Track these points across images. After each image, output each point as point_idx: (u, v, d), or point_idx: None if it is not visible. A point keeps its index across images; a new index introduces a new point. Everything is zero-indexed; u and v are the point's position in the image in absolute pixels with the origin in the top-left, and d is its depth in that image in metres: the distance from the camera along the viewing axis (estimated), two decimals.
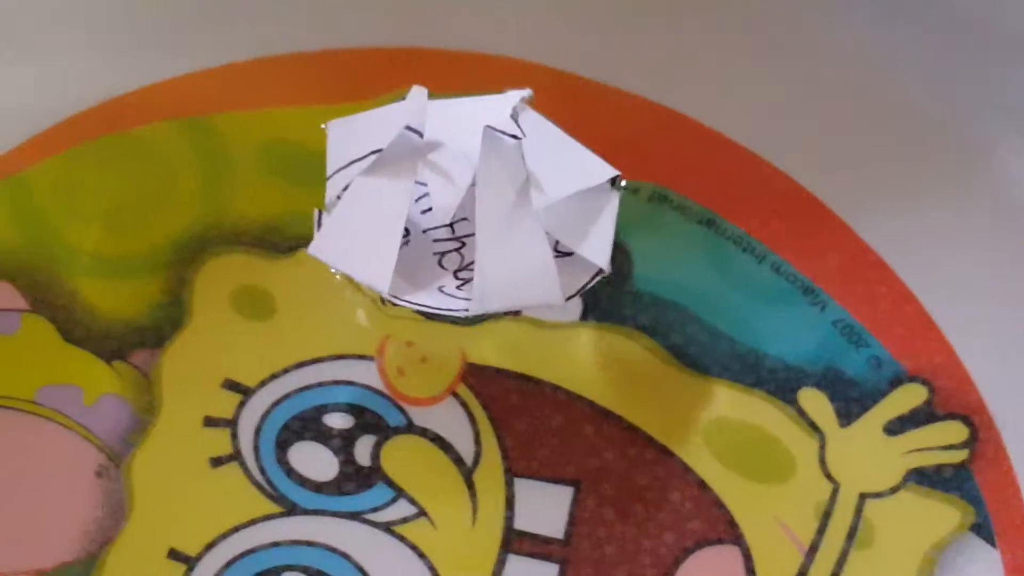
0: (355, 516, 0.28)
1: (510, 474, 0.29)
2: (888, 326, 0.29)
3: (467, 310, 0.27)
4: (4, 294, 0.30)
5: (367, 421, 0.29)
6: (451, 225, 0.28)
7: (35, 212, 0.30)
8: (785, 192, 0.30)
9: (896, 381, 0.29)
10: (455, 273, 0.28)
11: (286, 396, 0.29)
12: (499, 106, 0.27)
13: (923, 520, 0.28)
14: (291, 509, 0.28)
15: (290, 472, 0.29)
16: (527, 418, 0.29)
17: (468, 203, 0.27)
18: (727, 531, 0.28)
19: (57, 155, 0.30)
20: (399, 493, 0.28)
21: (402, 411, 0.29)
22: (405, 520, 0.28)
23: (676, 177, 0.30)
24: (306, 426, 0.29)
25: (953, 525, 0.28)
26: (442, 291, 0.28)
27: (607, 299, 0.29)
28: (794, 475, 0.28)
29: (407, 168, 0.27)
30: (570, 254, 0.27)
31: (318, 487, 0.29)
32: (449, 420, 0.29)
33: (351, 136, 0.27)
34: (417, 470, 0.29)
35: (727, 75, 0.30)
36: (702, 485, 0.28)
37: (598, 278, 0.27)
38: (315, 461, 0.29)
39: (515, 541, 0.28)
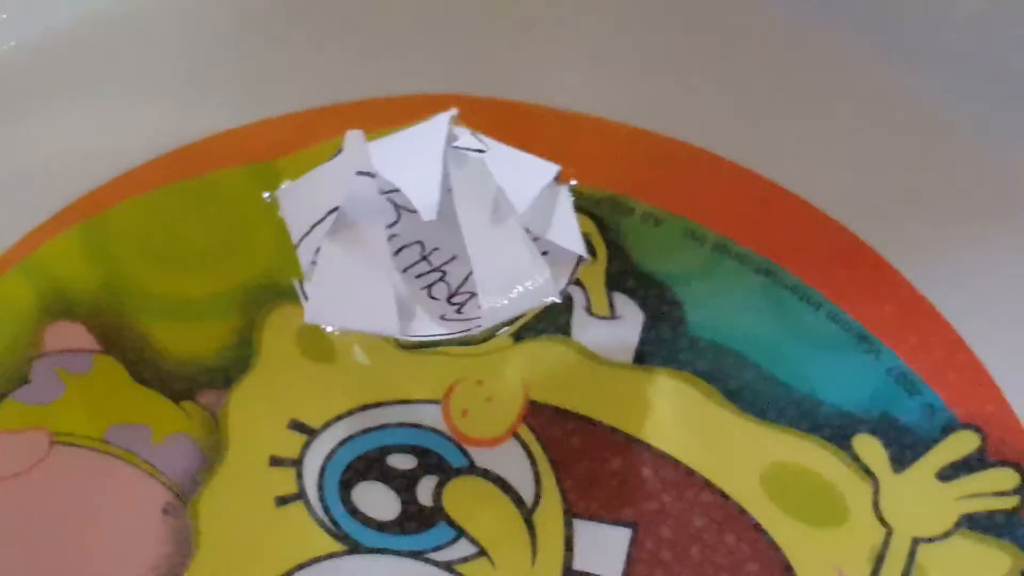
0: (417, 555, 0.29)
1: (569, 515, 0.29)
2: (941, 374, 0.30)
3: (479, 326, 0.27)
4: (77, 335, 0.30)
5: (430, 462, 0.29)
6: (426, 259, 0.29)
7: (110, 255, 0.31)
8: (842, 243, 0.30)
9: (949, 428, 0.29)
10: (448, 300, 0.29)
11: (350, 437, 0.30)
12: (435, 129, 0.28)
13: (975, 565, 0.28)
14: (354, 547, 0.29)
15: (354, 511, 0.29)
16: (586, 460, 0.29)
17: (438, 232, 0.28)
18: (783, 574, 0.29)
19: (132, 199, 0.31)
20: (460, 533, 0.29)
21: (464, 452, 0.29)
22: (466, 559, 0.29)
23: (737, 228, 0.30)
24: (370, 466, 0.29)
25: (1004, 570, 0.28)
26: (444, 319, 0.28)
27: (664, 344, 0.30)
28: (848, 519, 0.29)
29: (373, 210, 0.27)
30: (544, 253, 0.28)
31: (381, 526, 0.29)
32: (510, 461, 0.29)
33: (304, 199, 0.27)
34: (478, 510, 0.29)
35: (787, 128, 0.31)
36: (758, 528, 0.29)
37: (580, 266, 0.28)
38: (378, 500, 0.29)
39: None
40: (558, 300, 0.27)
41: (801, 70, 0.31)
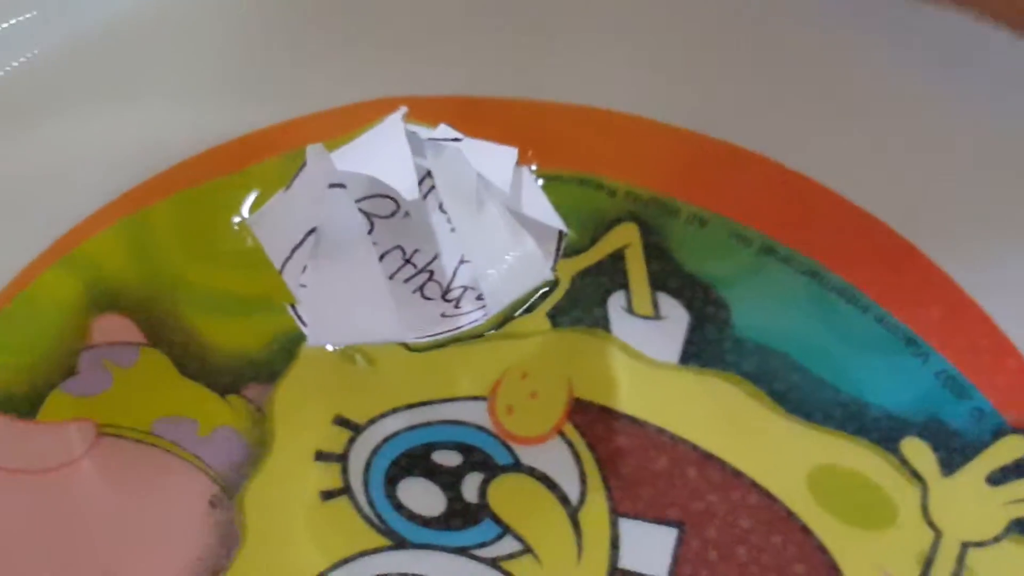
0: (462, 551, 0.29)
1: (615, 514, 0.29)
2: (990, 378, 0.29)
3: (485, 315, 0.27)
4: (123, 328, 0.31)
5: (475, 459, 0.29)
6: (409, 262, 0.29)
7: (156, 249, 0.31)
8: (890, 245, 0.30)
9: (998, 432, 0.29)
10: (443, 298, 0.28)
11: (396, 433, 0.30)
12: (391, 125, 0.27)
13: None
14: (399, 543, 0.29)
15: (399, 507, 0.29)
16: (632, 459, 0.29)
17: (414, 234, 0.28)
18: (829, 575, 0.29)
19: (177, 194, 0.31)
20: (505, 530, 0.29)
21: (510, 450, 0.30)
22: (511, 556, 0.29)
23: (783, 229, 0.30)
24: (415, 463, 0.29)
25: None
26: (444, 316, 0.28)
27: (710, 345, 0.30)
28: (896, 522, 0.29)
29: (350, 221, 0.27)
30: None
31: (426, 522, 0.29)
32: (556, 459, 0.29)
33: (279, 224, 0.27)
34: (523, 508, 0.29)
35: (834, 130, 0.31)
36: (805, 530, 0.29)
37: (564, 240, 0.28)
38: (423, 497, 0.29)
39: None
40: (551, 278, 0.27)
41: (850, 72, 0.31)
